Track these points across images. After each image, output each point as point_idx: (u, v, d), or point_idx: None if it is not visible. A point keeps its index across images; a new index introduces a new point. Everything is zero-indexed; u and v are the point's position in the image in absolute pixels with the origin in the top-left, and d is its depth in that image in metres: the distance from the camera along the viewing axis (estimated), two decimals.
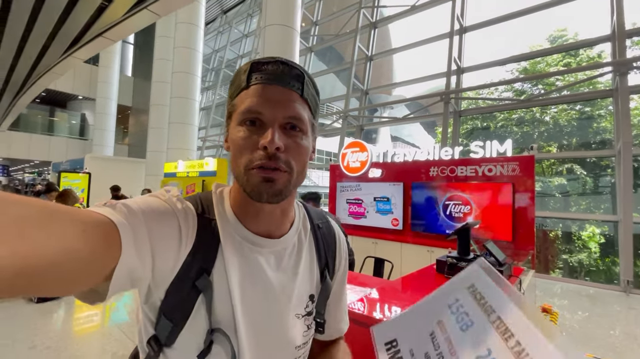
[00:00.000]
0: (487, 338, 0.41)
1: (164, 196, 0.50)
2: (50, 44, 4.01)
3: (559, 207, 8.84)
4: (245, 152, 0.48)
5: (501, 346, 0.39)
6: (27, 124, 17.07)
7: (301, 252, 0.60)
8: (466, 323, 0.44)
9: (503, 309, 0.42)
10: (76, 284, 0.35)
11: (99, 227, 0.37)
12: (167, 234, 0.46)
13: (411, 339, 0.47)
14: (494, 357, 0.39)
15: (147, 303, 0.49)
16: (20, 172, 28.72)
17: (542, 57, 9.03)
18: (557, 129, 9.19)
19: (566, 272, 8.33)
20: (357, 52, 8.59)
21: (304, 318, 0.59)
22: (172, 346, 0.49)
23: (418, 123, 21.29)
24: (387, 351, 0.47)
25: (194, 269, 0.48)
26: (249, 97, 0.49)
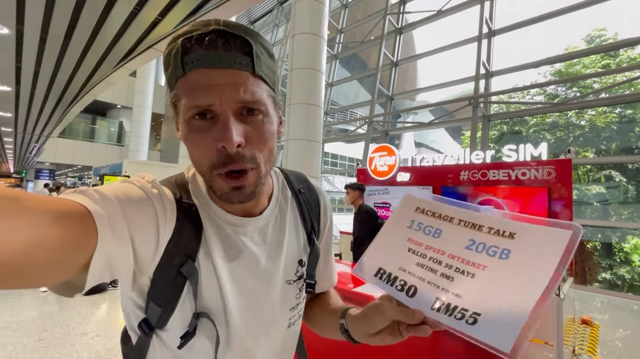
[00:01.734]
0: (462, 233, 0.46)
1: (138, 181, 0.47)
2: (106, 57, 4.38)
3: (597, 217, 8.36)
4: (203, 152, 0.44)
5: (479, 234, 0.44)
6: (71, 131, 18.41)
7: (285, 222, 0.59)
8: (436, 231, 0.48)
9: (459, 214, 0.47)
10: (50, 275, 0.33)
11: (72, 215, 0.34)
12: (144, 220, 0.43)
13: (394, 260, 0.49)
14: (481, 241, 0.44)
15: (133, 290, 0.47)
16: (64, 177, 30.85)
17: (578, 59, 8.67)
18: (594, 134, 8.75)
19: (606, 285, 7.83)
20: (382, 58, 8.65)
21: (295, 282, 0.59)
22: (165, 328, 0.49)
23: (443, 129, 20.87)
24: (381, 279, 0.49)
25: (177, 256, 0.47)
26: (189, 88, 0.42)
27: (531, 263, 0.39)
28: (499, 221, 0.44)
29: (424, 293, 0.44)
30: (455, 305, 0.41)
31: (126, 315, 0.53)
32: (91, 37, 3.80)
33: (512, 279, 0.39)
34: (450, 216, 0.48)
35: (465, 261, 0.43)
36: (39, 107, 7.70)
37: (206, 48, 0.41)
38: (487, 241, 0.43)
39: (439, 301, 0.43)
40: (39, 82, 5.61)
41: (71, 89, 6.00)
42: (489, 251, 0.42)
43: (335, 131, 13.92)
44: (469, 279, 0.42)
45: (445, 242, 0.46)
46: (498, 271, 0.41)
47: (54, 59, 4.50)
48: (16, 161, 20.33)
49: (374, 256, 0.52)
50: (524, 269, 0.39)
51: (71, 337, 2.96)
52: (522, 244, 0.41)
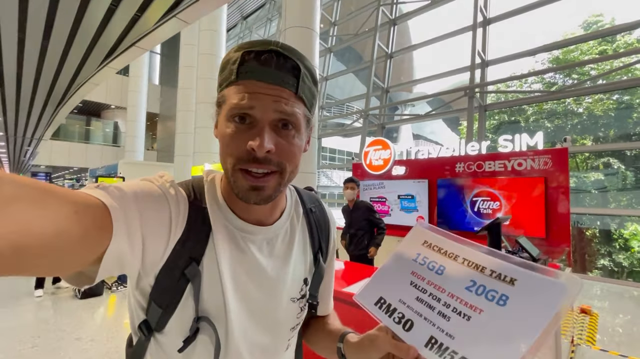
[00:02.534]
0: (465, 273, 0.47)
1: (157, 181, 0.49)
2: (88, 56, 4.31)
3: (596, 204, 8.34)
4: (233, 150, 0.47)
5: (481, 276, 0.45)
6: (66, 133, 18.28)
7: (294, 238, 0.60)
8: (439, 268, 0.49)
9: (464, 253, 0.48)
10: (66, 266, 0.34)
11: (91, 209, 0.36)
12: (158, 220, 0.45)
13: (395, 292, 0.51)
14: (481, 284, 0.45)
15: (137, 288, 0.49)
16: (61, 179, 30.74)
17: (575, 45, 8.57)
18: (591, 121, 8.70)
19: (606, 272, 7.85)
20: (376, 50, 8.54)
21: (298, 301, 0.59)
22: (163, 331, 0.49)
23: (440, 120, 20.79)
24: (380, 309, 0.50)
25: (183, 257, 0.48)
26: (238, 92, 0.46)
27: (527, 313, 0.40)
28: (502, 265, 0.44)
29: (420, 328, 0.46)
30: (447, 346, 0.42)
31: (130, 314, 0.54)
32: (70, 35, 3.71)
33: (504, 329, 0.40)
34: (456, 253, 0.49)
35: (464, 302, 0.45)
36: (27, 110, 7.63)
37: (261, 63, 0.46)
38: (487, 284, 0.44)
39: (433, 340, 0.44)
40: (23, 84, 5.54)
41: (57, 91, 5.91)
42: (487, 295, 0.43)
43: (331, 125, 13.84)
44: (465, 321, 0.43)
45: (447, 280, 0.47)
46: (494, 317, 0.41)
47: (35, 59, 4.42)
48: (11, 165, 20.20)
49: (377, 285, 0.53)
50: (518, 320, 0.40)
51: (65, 343, 2.93)
52: (522, 291, 0.41)
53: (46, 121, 8.80)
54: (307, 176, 6.54)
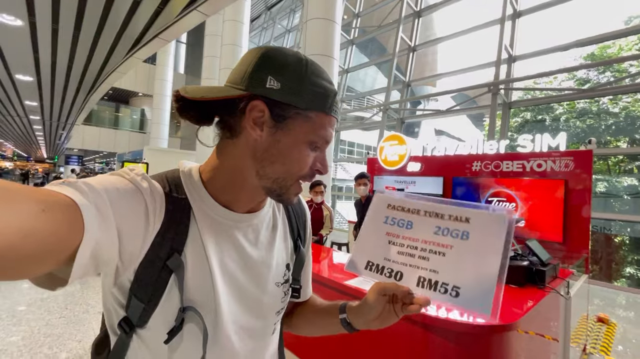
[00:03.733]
0: (429, 222, 0.55)
1: (128, 174, 0.48)
2: (115, 47, 4.55)
3: (628, 210, 7.88)
4: (302, 168, 0.53)
5: (442, 221, 0.54)
6: (97, 118, 19.19)
7: (277, 225, 0.64)
8: (408, 224, 0.57)
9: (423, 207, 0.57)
10: (34, 268, 0.33)
11: (60, 206, 0.34)
12: (134, 214, 0.44)
13: (379, 253, 0.58)
14: (445, 227, 0.54)
15: (115, 285, 0.48)
16: (92, 162, 32.41)
17: (613, 41, 8.02)
18: (628, 122, 8.15)
19: (633, 281, 7.45)
20: (399, 43, 8.35)
21: (282, 285, 0.62)
22: (146, 326, 0.49)
23: (464, 116, 20.13)
24: (371, 270, 0.57)
25: (164, 249, 0.47)
26: (328, 126, 0.53)
27: (486, 241, 0.50)
28: (456, 209, 0.54)
29: (409, 275, 0.54)
30: (436, 280, 0.51)
31: (107, 314, 0.53)
32: (99, 26, 3.93)
33: (475, 255, 0.50)
34: (417, 208, 0.57)
35: (435, 243, 0.53)
36: (61, 96, 8.09)
37: (337, 102, 0.55)
38: (449, 226, 0.53)
39: (422, 279, 0.52)
40: (57, 72, 5.89)
41: (87, 78, 6.25)
42: (452, 234, 0.53)
43: (350, 119, 13.73)
44: (441, 257, 0.52)
45: (417, 231, 0.56)
46: (463, 249, 0.51)
47: (67, 49, 4.72)
48: (48, 148, 21.51)
49: (362, 252, 0.59)
50: (482, 246, 0.50)
51: (89, 315, 3.16)
52: (476, 226, 0.52)
53: (78, 106, 9.30)
54: None
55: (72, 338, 2.69)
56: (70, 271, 0.36)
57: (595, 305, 4.08)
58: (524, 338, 1.53)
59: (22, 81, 7.27)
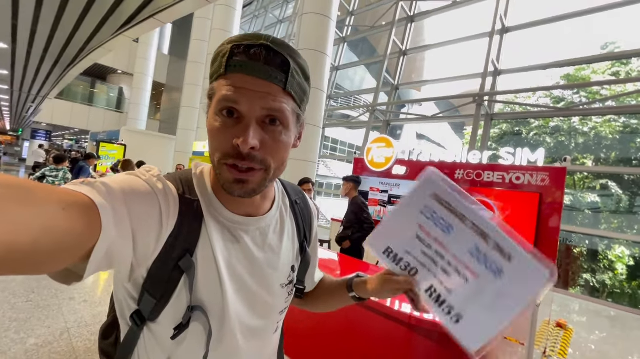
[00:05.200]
0: (470, 238, 0.50)
1: (144, 175, 0.49)
2: (105, 22, 4.25)
3: (588, 224, 8.47)
4: (219, 144, 0.48)
5: (484, 245, 0.49)
6: (69, 93, 18.07)
7: (284, 228, 0.63)
8: (446, 227, 0.52)
9: (473, 216, 0.50)
10: (54, 263, 0.34)
11: (79, 205, 0.36)
12: (148, 214, 0.45)
13: (402, 243, 0.55)
14: (484, 253, 0.49)
15: (130, 281, 0.49)
16: (60, 138, 30.54)
17: (587, 64, 8.52)
18: (595, 141, 8.73)
19: (587, 290, 8.04)
20: (391, 46, 8.46)
21: (286, 286, 0.63)
22: (156, 321, 0.50)
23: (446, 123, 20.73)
24: (388, 257, 0.56)
25: (176, 250, 0.49)
26: (226, 86, 0.46)
27: (516, 289, 0.46)
28: (504, 239, 0.48)
29: (423, 276, 0.52)
30: (445, 299, 0.50)
31: (118, 304, 0.54)
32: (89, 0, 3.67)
33: (497, 297, 0.46)
34: (464, 214, 0.51)
35: (464, 265, 0.49)
36: (36, 67, 7.55)
37: (250, 58, 0.46)
38: (488, 254, 0.48)
39: (433, 288, 0.51)
40: (35, 41, 5.47)
41: (69, 52, 5.86)
42: (487, 265, 0.48)
43: (337, 116, 13.77)
44: (463, 281, 0.49)
45: (453, 241, 0.51)
46: (489, 286, 0.47)
47: (51, 18, 4.35)
48: (12, 119, 20.04)
49: (385, 235, 0.57)
50: (507, 294, 0.46)
51: (59, 300, 3.02)
52: (515, 269, 0.46)
53: (53, 80, 8.73)
54: (308, 164, 6.57)
55: (40, 324, 2.57)
56: (85, 267, 0.38)
57: (553, 311, 4.38)
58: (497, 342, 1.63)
59: None
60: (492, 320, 0.46)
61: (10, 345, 2.25)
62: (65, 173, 4.67)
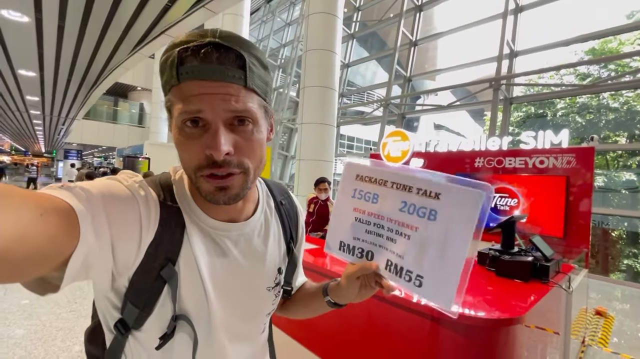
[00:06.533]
0: (395, 196, 0.50)
1: (126, 181, 0.48)
2: (121, 44, 4.53)
3: (625, 204, 7.96)
4: (191, 157, 0.45)
5: (410, 196, 0.48)
6: (95, 113, 19.07)
7: (269, 231, 0.61)
8: (373, 197, 0.52)
9: (392, 177, 0.51)
10: (29, 271, 0.32)
11: (57, 211, 0.34)
12: (128, 221, 0.44)
13: (348, 232, 0.55)
14: (411, 203, 0.48)
15: (112, 289, 0.48)
16: (90, 156, 32.27)
17: (614, 36, 8.00)
18: (628, 117, 8.19)
19: (629, 276, 7.56)
20: (400, 37, 8.32)
21: (273, 289, 0.62)
22: (141, 329, 0.49)
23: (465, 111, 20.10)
24: (343, 251, 0.56)
25: (158, 259, 0.47)
26: (182, 97, 0.43)
27: (455, 224, 0.43)
28: (426, 182, 0.47)
29: (378, 255, 0.51)
30: (401, 266, 0.48)
31: (101, 313, 0.53)
32: (106, 23, 3.91)
33: (441, 240, 0.44)
34: (384, 179, 0.51)
35: (400, 222, 0.48)
36: (63, 91, 8.06)
37: (201, 60, 0.42)
38: (416, 202, 0.47)
39: (389, 262, 0.49)
40: (60, 67, 5.86)
41: (91, 74, 6.23)
42: (419, 212, 0.46)
43: (351, 113, 13.71)
44: (406, 240, 0.47)
45: (382, 206, 0.51)
46: (429, 232, 0.45)
47: (72, 45, 4.70)
48: (46, 142, 21.39)
49: (334, 231, 0.57)
50: (449, 230, 0.43)
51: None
52: (446, 204, 0.44)
53: (80, 101, 9.27)
54: (324, 164, 6.60)
55: (83, 331, 2.74)
56: (61, 276, 0.36)
57: (592, 298, 4.17)
58: (526, 331, 1.59)
59: (25, 77, 7.22)
60: (449, 265, 0.43)
61: (58, 353, 2.42)
62: None
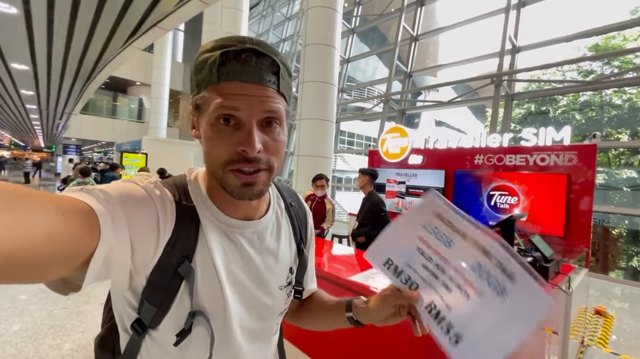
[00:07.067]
0: (472, 253, 0.47)
1: (142, 182, 0.50)
2: (113, 36, 4.46)
3: (626, 203, 7.91)
4: (221, 153, 0.47)
5: (486, 262, 0.46)
6: (94, 108, 19.00)
7: (280, 231, 0.63)
8: (448, 241, 0.50)
9: (475, 235, 0.48)
10: (54, 271, 0.34)
11: (77, 212, 0.36)
12: (146, 222, 0.46)
13: (403, 255, 0.54)
14: (486, 270, 0.46)
15: (129, 289, 0.49)
16: (90, 152, 32.23)
17: (617, 32, 7.89)
18: (631, 114, 8.11)
19: (629, 274, 7.54)
20: (401, 32, 8.21)
21: (285, 288, 0.63)
22: (157, 328, 0.51)
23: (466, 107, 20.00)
24: (388, 269, 0.55)
25: (175, 256, 0.49)
26: (221, 95, 0.46)
27: (517, 315, 0.43)
28: (507, 259, 0.45)
29: (423, 291, 0.50)
30: (444, 316, 0.47)
31: (118, 314, 0.54)
32: (96, 15, 3.84)
33: (497, 320, 0.43)
34: (466, 233, 0.49)
35: (467, 280, 0.47)
36: (58, 85, 8.01)
37: (242, 63, 0.46)
38: (490, 271, 0.45)
39: (433, 305, 0.49)
40: (53, 61, 5.82)
41: (84, 68, 6.18)
42: (489, 281, 0.45)
43: (351, 109, 13.62)
44: (464, 298, 0.46)
45: (454, 254, 0.49)
46: (489, 305, 0.44)
47: (63, 38, 4.64)
48: (45, 136, 21.34)
49: (385, 246, 0.56)
50: (510, 317, 0.43)
51: (91, 306, 3.17)
52: (519, 291, 0.43)
53: (75, 95, 9.22)
54: (323, 160, 6.54)
55: (75, 329, 2.71)
56: (83, 276, 0.37)
57: (591, 296, 4.13)
58: None
59: (18, 70, 7.20)
60: (494, 344, 0.43)
61: (48, 351, 2.38)
62: (92, 185, 4.88)
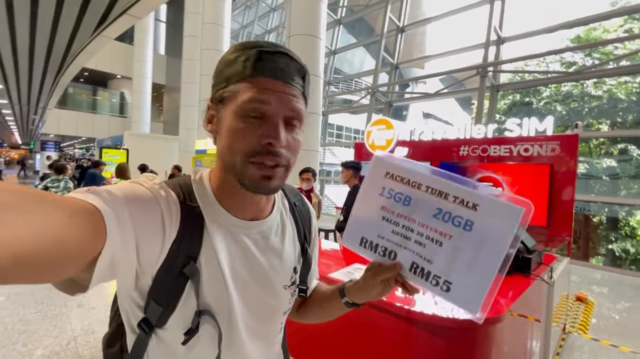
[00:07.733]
0: (430, 201, 0.50)
1: (147, 183, 0.51)
2: (80, 24, 4.21)
3: (606, 191, 8.14)
4: (244, 145, 0.48)
5: (446, 203, 0.48)
6: (73, 102, 18.30)
7: (284, 231, 0.64)
8: (406, 199, 0.52)
9: (427, 181, 0.51)
10: (61, 272, 0.34)
11: (85, 213, 0.36)
12: (151, 222, 0.46)
13: (373, 229, 0.55)
14: (447, 210, 0.48)
15: (136, 289, 0.50)
16: (71, 148, 31.18)
17: (598, 23, 8.00)
18: (610, 105, 8.29)
19: (608, 260, 7.80)
20: (387, 24, 8.13)
21: (289, 288, 0.64)
22: (164, 327, 0.52)
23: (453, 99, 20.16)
24: (365, 248, 0.56)
25: (180, 257, 0.49)
26: (254, 89, 0.48)
27: (490, 237, 0.44)
28: (463, 191, 0.47)
29: (402, 256, 0.52)
30: (429, 270, 0.49)
31: (124, 313, 0.55)
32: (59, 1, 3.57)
33: (475, 250, 0.45)
34: (419, 182, 0.51)
35: (433, 229, 0.49)
36: (27, 78, 7.66)
37: (275, 63, 0.49)
38: (452, 211, 0.48)
39: (415, 265, 0.50)
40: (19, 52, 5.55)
41: (53, 59, 5.90)
42: (454, 221, 0.47)
43: (338, 102, 13.53)
44: (438, 246, 0.48)
45: (415, 210, 0.51)
46: (463, 242, 0.46)
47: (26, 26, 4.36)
48: (21, 133, 20.51)
49: (356, 226, 0.57)
50: (484, 242, 0.45)
51: (67, 309, 3.04)
52: (484, 217, 0.45)
53: (48, 89, 8.84)
54: (310, 153, 6.46)
55: (48, 334, 2.59)
56: (89, 277, 0.37)
57: (573, 283, 4.23)
58: (507, 320, 1.53)
59: None
60: (480, 274, 0.45)
61: (18, 358, 2.26)
62: (66, 182, 4.66)
